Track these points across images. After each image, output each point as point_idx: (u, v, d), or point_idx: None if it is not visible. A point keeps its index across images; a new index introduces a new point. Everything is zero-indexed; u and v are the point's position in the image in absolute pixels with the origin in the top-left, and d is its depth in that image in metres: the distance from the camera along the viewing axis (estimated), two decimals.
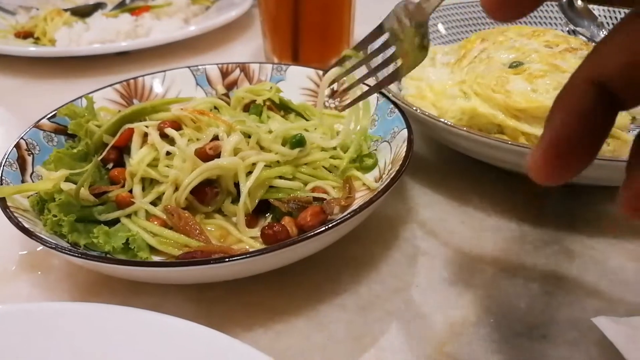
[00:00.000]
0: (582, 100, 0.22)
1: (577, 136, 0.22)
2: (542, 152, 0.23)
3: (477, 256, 0.47)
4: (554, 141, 0.23)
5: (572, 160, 0.23)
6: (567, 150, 0.23)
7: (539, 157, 0.23)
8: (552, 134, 0.23)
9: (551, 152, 0.23)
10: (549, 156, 0.23)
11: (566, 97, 0.23)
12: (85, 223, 0.46)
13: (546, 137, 0.23)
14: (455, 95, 0.59)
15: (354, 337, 0.40)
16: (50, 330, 0.35)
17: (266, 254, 0.37)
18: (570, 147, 0.22)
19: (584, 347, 0.38)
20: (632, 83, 0.22)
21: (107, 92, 0.61)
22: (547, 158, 0.23)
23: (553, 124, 0.23)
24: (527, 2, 0.24)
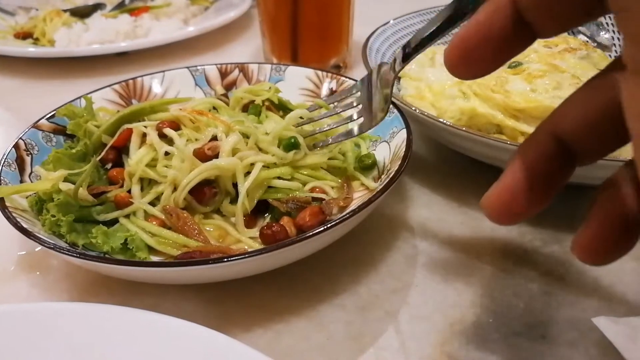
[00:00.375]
0: (542, 149, 0.25)
1: (533, 183, 0.24)
2: (497, 194, 0.25)
3: (476, 256, 0.47)
4: (510, 185, 0.25)
5: (524, 204, 0.25)
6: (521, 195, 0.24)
7: (494, 198, 0.25)
8: (509, 177, 0.25)
9: (505, 196, 0.25)
10: (503, 199, 0.25)
11: (528, 145, 0.25)
12: (83, 223, 0.46)
13: (503, 179, 0.25)
14: (454, 96, 0.59)
15: (354, 337, 0.40)
16: (49, 330, 0.34)
17: (265, 254, 0.37)
18: (524, 192, 0.24)
19: (583, 347, 0.38)
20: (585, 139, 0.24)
21: (106, 92, 0.61)
22: (502, 200, 0.25)
23: (511, 168, 0.25)
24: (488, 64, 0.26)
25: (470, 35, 0.25)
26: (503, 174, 0.25)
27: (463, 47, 0.25)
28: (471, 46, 0.25)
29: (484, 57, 0.25)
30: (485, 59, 0.25)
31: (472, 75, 0.26)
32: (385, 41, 0.71)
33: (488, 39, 0.24)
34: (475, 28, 0.25)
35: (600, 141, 0.24)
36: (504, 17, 0.24)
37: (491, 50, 0.25)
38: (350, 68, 0.85)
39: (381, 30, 0.71)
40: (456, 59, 0.25)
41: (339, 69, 0.83)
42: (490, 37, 0.24)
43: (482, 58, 0.25)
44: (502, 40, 0.24)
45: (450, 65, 0.26)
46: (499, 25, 0.24)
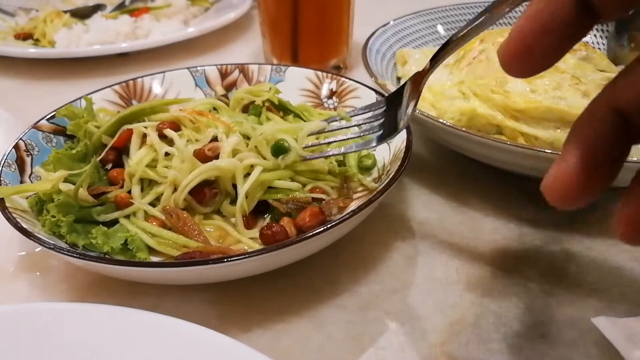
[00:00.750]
0: (602, 126, 0.22)
1: (595, 162, 0.22)
2: (558, 177, 0.23)
3: (476, 256, 0.47)
4: (571, 166, 0.22)
5: (589, 184, 0.22)
6: (583, 177, 0.22)
7: (555, 181, 0.23)
8: (569, 158, 0.23)
9: (566, 178, 0.22)
10: (564, 181, 0.23)
11: (585, 121, 0.23)
12: (84, 224, 0.46)
13: (563, 161, 0.23)
14: (454, 96, 0.59)
15: (353, 337, 0.40)
16: (49, 330, 0.34)
17: (265, 254, 0.37)
18: (586, 174, 0.22)
19: (583, 347, 0.38)
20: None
21: (106, 93, 0.61)
22: (563, 183, 0.23)
23: (570, 148, 0.23)
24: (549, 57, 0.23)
25: (530, 26, 0.23)
26: (562, 155, 0.23)
27: (523, 40, 0.23)
28: (532, 38, 0.23)
29: (547, 49, 0.23)
30: (549, 51, 0.23)
31: (533, 72, 0.24)
32: (385, 42, 0.71)
33: (551, 28, 0.22)
34: (534, 18, 0.22)
35: None
36: (565, 3, 0.22)
37: (555, 41, 0.23)
38: (351, 69, 0.85)
39: (381, 31, 0.71)
40: (517, 55, 0.23)
41: (339, 70, 0.83)
42: (553, 26, 0.22)
43: (545, 50, 0.23)
44: (565, 28, 0.22)
45: (511, 62, 0.24)
46: (562, 10, 0.22)
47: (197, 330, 0.34)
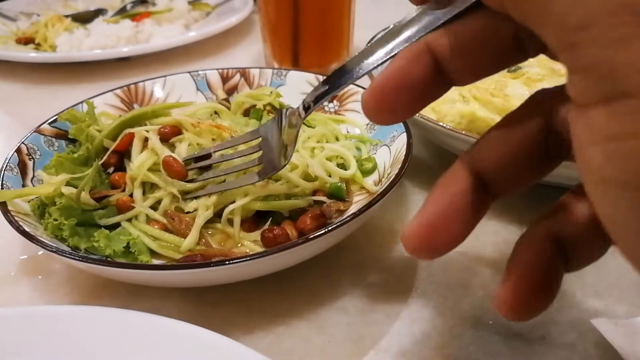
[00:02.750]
0: (461, 184, 0.25)
1: (453, 216, 0.25)
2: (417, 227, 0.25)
3: (477, 259, 0.47)
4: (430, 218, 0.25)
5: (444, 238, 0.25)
6: (442, 228, 0.25)
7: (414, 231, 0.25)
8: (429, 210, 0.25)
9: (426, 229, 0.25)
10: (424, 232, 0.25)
11: (447, 179, 0.26)
12: (85, 227, 0.46)
13: (423, 213, 0.25)
14: (454, 100, 0.60)
15: (354, 340, 0.40)
16: (51, 333, 0.35)
17: (266, 256, 0.38)
18: (445, 226, 0.25)
19: (582, 349, 0.38)
20: (502, 175, 0.25)
21: (107, 97, 0.62)
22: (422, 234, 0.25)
23: (431, 202, 0.25)
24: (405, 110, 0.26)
25: (387, 81, 0.25)
26: (422, 208, 0.25)
27: (380, 93, 0.25)
28: (388, 92, 0.25)
29: (401, 104, 0.25)
30: (402, 106, 0.25)
31: (388, 121, 0.26)
32: None
33: (406, 86, 0.24)
34: (392, 75, 0.24)
35: (517, 177, 0.25)
36: (422, 66, 0.24)
37: (409, 97, 0.25)
38: None
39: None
40: (373, 105, 0.25)
41: None
42: (408, 84, 0.24)
43: (399, 104, 0.25)
44: (419, 88, 0.25)
45: (367, 109, 0.26)
46: (417, 73, 0.24)
47: (199, 332, 0.34)
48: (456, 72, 0.25)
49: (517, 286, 0.25)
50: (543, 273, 0.25)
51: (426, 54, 0.24)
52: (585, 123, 0.18)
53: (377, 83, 0.25)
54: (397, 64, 0.25)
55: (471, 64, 0.25)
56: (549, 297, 0.25)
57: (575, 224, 0.25)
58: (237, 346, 0.33)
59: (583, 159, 0.18)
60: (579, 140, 0.18)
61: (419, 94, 0.25)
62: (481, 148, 0.25)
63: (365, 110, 0.26)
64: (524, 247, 0.26)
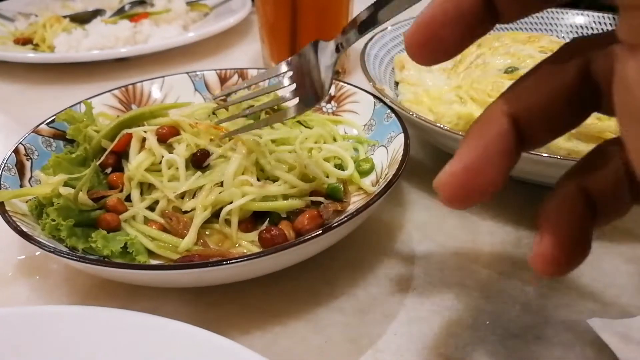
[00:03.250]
0: (497, 128, 0.24)
1: (489, 161, 0.24)
2: (453, 174, 0.24)
3: (474, 259, 0.47)
4: (466, 164, 0.24)
5: (480, 185, 0.24)
6: (478, 174, 0.24)
7: (449, 179, 0.25)
8: (464, 157, 0.24)
9: (461, 176, 0.24)
10: (459, 179, 0.24)
11: (482, 124, 0.25)
12: (83, 227, 0.46)
13: (458, 159, 0.24)
14: (452, 101, 0.60)
15: (351, 340, 0.40)
16: (48, 333, 0.35)
17: (264, 256, 0.38)
18: (481, 172, 0.24)
19: (578, 348, 0.38)
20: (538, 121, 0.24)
21: (105, 97, 0.62)
22: (458, 180, 0.24)
23: (465, 148, 0.25)
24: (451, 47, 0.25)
25: (436, 15, 0.24)
26: (457, 153, 0.25)
27: (428, 28, 0.24)
28: (437, 27, 0.24)
29: (449, 39, 0.24)
30: (450, 42, 0.24)
31: (434, 60, 0.25)
32: (383, 47, 0.71)
33: (455, 19, 0.24)
34: (441, 7, 0.24)
35: (551, 123, 0.25)
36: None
37: (457, 32, 0.24)
38: (349, 73, 0.86)
39: (379, 36, 0.71)
40: (421, 41, 0.24)
41: (338, 75, 0.84)
42: (458, 18, 0.24)
43: (448, 40, 0.24)
44: (466, 23, 0.24)
45: (414, 47, 0.25)
46: (466, 6, 0.24)
47: (196, 332, 0.34)
48: (504, 3, 0.24)
49: (554, 240, 0.24)
50: (578, 226, 0.24)
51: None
52: (637, 64, 0.17)
53: (425, 15, 0.24)
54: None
55: None
56: (585, 251, 0.24)
57: (602, 178, 0.24)
58: (235, 346, 0.33)
59: (628, 98, 0.18)
60: (626, 80, 0.18)
61: (466, 29, 0.24)
62: (516, 92, 0.25)
63: (411, 46, 0.25)
64: (557, 203, 0.25)
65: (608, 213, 0.25)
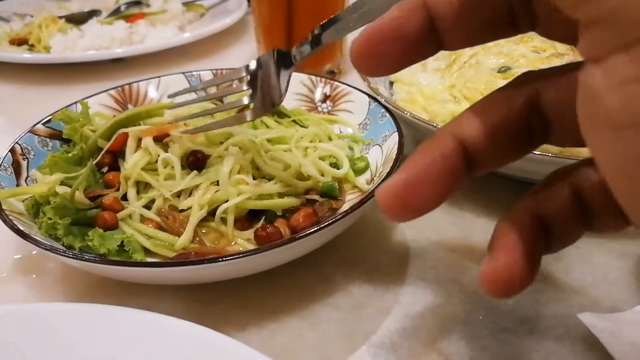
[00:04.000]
0: (443, 149, 0.25)
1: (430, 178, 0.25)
2: (392, 187, 0.25)
3: (467, 256, 0.47)
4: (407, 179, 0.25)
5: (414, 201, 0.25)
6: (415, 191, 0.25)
7: (389, 191, 0.25)
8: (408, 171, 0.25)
9: (401, 189, 0.25)
10: (398, 192, 0.25)
11: (430, 143, 0.26)
12: (80, 226, 0.46)
13: (400, 173, 0.25)
14: (446, 100, 0.61)
15: (347, 335, 0.40)
16: (45, 330, 0.35)
17: (259, 254, 0.38)
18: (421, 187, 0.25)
19: (569, 342, 0.39)
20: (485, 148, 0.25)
21: (102, 97, 0.62)
22: (396, 193, 0.25)
23: (409, 164, 0.25)
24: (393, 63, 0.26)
25: (380, 30, 0.25)
26: (401, 167, 0.25)
27: (370, 41, 0.25)
28: (378, 41, 0.25)
29: (388, 55, 0.25)
30: (389, 58, 0.25)
31: (373, 72, 0.27)
32: None
33: (397, 37, 0.25)
34: (386, 24, 0.25)
35: (498, 151, 0.26)
36: (416, 20, 0.24)
37: (398, 50, 0.25)
38: (345, 73, 0.86)
39: None
40: (361, 52, 0.25)
41: (334, 75, 0.84)
42: (400, 36, 0.25)
43: (387, 56, 0.25)
44: (408, 43, 0.25)
45: (354, 56, 0.26)
46: (410, 26, 0.25)
47: (193, 328, 0.34)
48: (448, 33, 0.25)
49: (502, 263, 0.25)
50: (527, 250, 0.25)
51: (422, 9, 0.25)
52: (602, 70, 0.18)
53: (369, 30, 0.25)
54: (392, 15, 0.25)
55: (464, 27, 0.25)
56: (532, 274, 0.25)
57: (556, 204, 0.26)
58: (232, 342, 0.33)
59: (594, 108, 0.18)
60: (592, 89, 0.18)
61: (408, 49, 0.25)
62: (466, 118, 0.26)
63: (352, 55, 0.26)
64: (508, 225, 0.26)
65: (561, 239, 0.27)
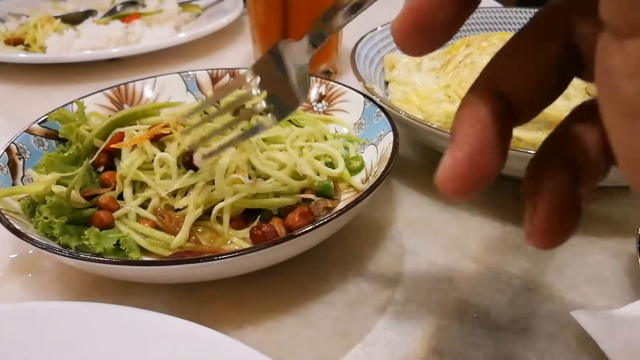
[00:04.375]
0: (489, 108, 0.23)
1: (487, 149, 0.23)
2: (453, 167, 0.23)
3: (462, 254, 0.48)
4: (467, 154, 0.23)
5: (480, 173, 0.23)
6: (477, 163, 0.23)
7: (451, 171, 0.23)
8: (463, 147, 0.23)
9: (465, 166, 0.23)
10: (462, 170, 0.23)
11: (472, 106, 0.24)
12: (76, 226, 0.46)
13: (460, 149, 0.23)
14: (441, 100, 0.61)
15: (342, 333, 0.41)
16: (42, 329, 0.35)
17: (254, 252, 0.38)
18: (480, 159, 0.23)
19: (562, 340, 0.39)
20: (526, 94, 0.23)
21: (97, 97, 0.62)
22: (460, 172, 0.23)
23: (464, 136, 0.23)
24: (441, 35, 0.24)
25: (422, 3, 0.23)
26: (453, 144, 0.24)
27: (416, 16, 0.23)
28: (424, 14, 0.23)
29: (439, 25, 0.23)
30: (441, 28, 0.23)
31: (425, 49, 0.24)
32: (373, 47, 0.72)
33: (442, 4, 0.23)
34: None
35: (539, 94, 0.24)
36: None
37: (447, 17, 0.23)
38: (340, 73, 0.86)
39: (369, 36, 0.72)
40: (409, 29, 0.23)
41: (329, 75, 0.84)
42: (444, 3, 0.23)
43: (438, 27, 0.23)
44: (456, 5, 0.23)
45: (402, 36, 0.23)
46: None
47: (189, 326, 0.34)
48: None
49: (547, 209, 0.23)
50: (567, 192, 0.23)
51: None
52: (621, 53, 0.16)
53: (410, 6, 0.23)
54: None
55: None
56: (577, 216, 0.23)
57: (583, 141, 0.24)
58: (229, 341, 0.33)
59: (611, 90, 0.17)
60: (608, 69, 0.17)
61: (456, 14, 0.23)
62: (502, 70, 0.24)
63: (398, 35, 0.23)
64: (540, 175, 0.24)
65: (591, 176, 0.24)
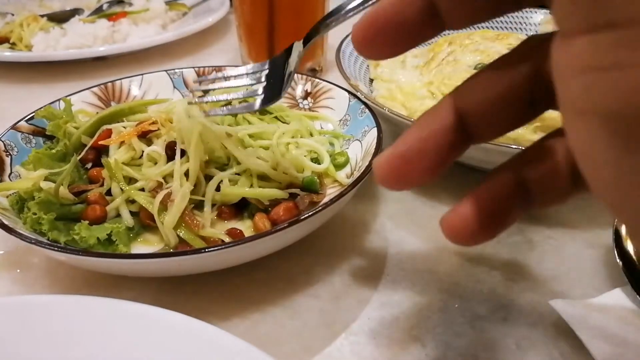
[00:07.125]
0: (442, 122, 0.25)
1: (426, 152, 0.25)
2: (389, 158, 0.25)
3: (444, 247, 0.49)
4: (403, 151, 0.25)
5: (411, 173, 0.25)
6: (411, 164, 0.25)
7: (385, 161, 0.25)
8: (405, 143, 0.25)
9: (396, 161, 0.25)
10: (394, 164, 0.25)
11: (428, 116, 0.26)
12: (64, 221, 0.47)
13: (397, 145, 0.25)
14: (424, 96, 0.62)
15: (327, 324, 0.41)
16: (31, 322, 0.35)
17: (242, 244, 0.39)
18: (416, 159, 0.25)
19: (541, 328, 0.40)
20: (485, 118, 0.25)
21: (85, 95, 0.62)
22: (392, 165, 0.25)
23: (407, 135, 0.25)
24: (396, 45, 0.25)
25: (380, 15, 0.24)
26: (399, 139, 0.25)
27: (372, 26, 0.25)
28: (380, 27, 0.24)
29: (390, 40, 0.25)
30: (391, 42, 0.25)
31: (376, 56, 0.26)
32: None
33: (397, 21, 0.24)
34: (386, 8, 0.24)
35: (499, 120, 0.25)
36: (417, 2, 0.24)
37: (398, 34, 0.25)
38: (326, 71, 0.87)
39: None
40: (363, 38, 0.25)
41: (315, 72, 0.85)
42: (400, 21, 0.24)
43: (388, 40, 0.25)
44: (410, 26, 0.24)
45: (356, 42, 0.25)
46: (411, 9, 0.24)
47: (177, 318, 0.35)
48: (449, 13, 0.24)
49: (471, 207, 0.25)
50: (499, 204, 0.25)
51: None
52: (567, 53, 0.17)
53: (369, 15, 0.25)
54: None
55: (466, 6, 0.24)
56: (497, 228, 0.25)
57: (541, 168, 0.25)
58: (216, 331, 0.34)
59: (562, 89, 0.18)
60: (559, 70, 0.18)
61: (409, 32, 0.25)
62: (468, 88, 0.25)
63: (354, 41, 0.25)
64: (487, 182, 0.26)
65: (545, 200, 0.26)
